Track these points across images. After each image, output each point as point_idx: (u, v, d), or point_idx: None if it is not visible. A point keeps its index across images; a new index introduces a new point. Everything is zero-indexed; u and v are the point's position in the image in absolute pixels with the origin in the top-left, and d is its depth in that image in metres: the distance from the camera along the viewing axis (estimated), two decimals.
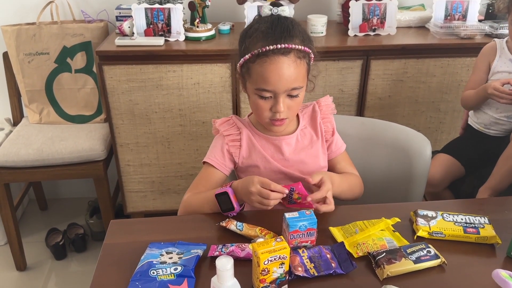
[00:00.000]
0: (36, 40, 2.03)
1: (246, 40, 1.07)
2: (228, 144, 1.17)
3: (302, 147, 1.20)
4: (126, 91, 1.86)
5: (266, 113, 1.09)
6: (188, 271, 0.87)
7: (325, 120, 1.22)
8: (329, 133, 1.22)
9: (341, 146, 1.24)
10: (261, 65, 1.03)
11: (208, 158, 1.18)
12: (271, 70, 1.02)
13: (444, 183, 1.69)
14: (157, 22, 1.89)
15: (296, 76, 1.05)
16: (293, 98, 1.07)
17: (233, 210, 1.04)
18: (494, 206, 1.15)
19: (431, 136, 2.06)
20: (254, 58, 1.04)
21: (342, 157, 1.24)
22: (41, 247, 2.20)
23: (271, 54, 1.02)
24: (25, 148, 1.92)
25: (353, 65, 1.89)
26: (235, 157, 1.18)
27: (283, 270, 0.83)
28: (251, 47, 1.05)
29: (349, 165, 1.25)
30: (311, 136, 1.21)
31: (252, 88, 1.08)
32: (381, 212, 1.05)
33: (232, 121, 1.20)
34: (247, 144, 1.18)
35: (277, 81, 1.03)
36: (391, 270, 0.87)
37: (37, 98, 2.13)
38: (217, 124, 1.20)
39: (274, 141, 1.18)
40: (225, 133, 1.18)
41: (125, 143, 1.97)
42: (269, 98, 1.07)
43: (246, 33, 1.09)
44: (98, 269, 0.92)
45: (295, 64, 1.04)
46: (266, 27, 1.05)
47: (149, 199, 2.12)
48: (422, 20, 2.11)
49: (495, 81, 1.54)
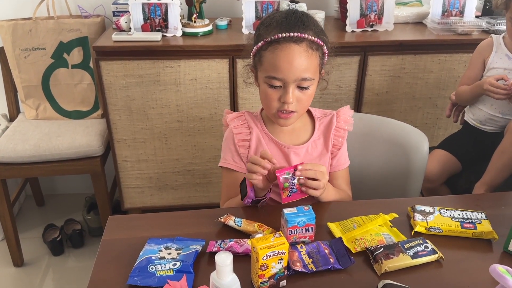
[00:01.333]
0: (33, 35, 2.02)
1: (260, 29, 1.07)
2: (237, 144, 1.16)
3: (311, 158, 1.17)
4: (123, 87, 1.86)
5: (274, 103, 1.07)
6: (187, 267, 0.87)
7: (337, 134, 1.19)
8: (337, 147, 1.19)
9: (344, 163, 1.21)
10: (272, 52, 1.03)
11: (226, 163, 1.17)
12: (282, 56, 1.02)
13: (441, 178, 1.70)
14: (154, 17, 1.88)
15: (307, 66, 1.03)
16: (303, 90, 1.06)
17: (247, 196, 1.04)
18: (491, 201, 1.16)
19: (428, 132, 2.06)
20: (266, 45, 1.04)
21: (341, 174, 1.21)
22: (38, 243, 2.20)
23: (283, 42, 1.02)
24: (22, 144, 1.91)
25: (350, 61, 1.89)
26: (243, 157, 1.17)
27: (282, 266, 0.83)
28: (264, 35, 1.05)
29: (345, 184, 1.22)
30: (322, 148, 1.19)
31: (262, 76, 1.07)
32: (378, 208, 1.05)
33: (244, 117, 1.18)
34: (256, 145, 1.16)
35: (288, 68, 1.02)
36: (389, 265, 0.88)
37: (34, 93, 2.12)
38: (228, 118, 1.19)
39: (284, 148, 1.16)
40: (235, 131, 1.17)
41: (122, 138, 1.97)
42: (278, 88, 1.05)
43: (262, 23, 1.08)
44: (97, 265, 0.92)
45: (306, 53, 1.03)
46: (281, 17, 1.05)
47: (146, 195, 2.11)
48: (420, 16, 2.11)
49: (490, 77, 1.54)
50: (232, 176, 1.17)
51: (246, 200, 1.05)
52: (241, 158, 1.17)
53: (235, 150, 1.17)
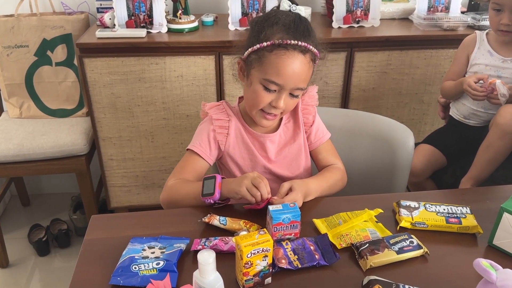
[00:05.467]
0: (15, 33, 1.98)
1: (266, 27, 1.04)
2: (216, 131, 1.15)
3: (285, 142, 1.19)
4: (107, 84, 1.83)
5: (263, 104, 1.07)
6: (171, 266, 0.86)
7: (305, 112, 1.20)
8: (308, 124, 1.21)
9: (323, 137, 1.23)
10: (278, 56, 1.01)
11: (193, 146, 1.15)
12: (287, 64, 1.01)
13: (426, 173, 1.71)
14: (139, 14, 1.86)
15: (305, 76, 1.05)
16: (293, 97, 1.07)
17: (212, 195, 1.01)
18: (475, 196, 1.16)
19: (415, 128, 2.07)
20: (272, 47, 1.02)
21: (324, 147, 1.23)
22: (23, 243, 2.17)
23: (291, 49, 1.01)
24: (5, 143, 1.88)
25: (337, 57, 1.89)
26: (221, 145, 1.16)
27: (267, 263, 0.83)
28: (271, 35, 1.03)
29: (331, 156, 1.23)
30: (293, 129, 1.20)
31: (259, 77, 1.05)
32: (364, 204, 1.05)
33: (222, 106, 1.17)
34: (235, 134, 1.16)
35: (289, 77, 1.02)
36: (374, 261, 0.88)
37: (17, 92, 2.08)
38: (206, 107, 1.18)
39: (260, 138, 1.17)
40: (215, 117, 1.15)
41: (107, 137, 1.94)
42: (273, 92, 1.05)
43: (266, 20, 1.05)
44: (79, 265, 0.90)
45: (308, 65, 1.04)
46: (289, 21, 1.03)
47: (133, 194, 2.09)
48: (406, 11, 2.12)
49: (471, 76, 1.56)
50: (194, 160, 1.15)
51: (208, 200, 1.03)
52: (216, 147, 1.16)
53: (211, 138, 1.15)
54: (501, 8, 1.50)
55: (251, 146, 1.16)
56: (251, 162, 1.18)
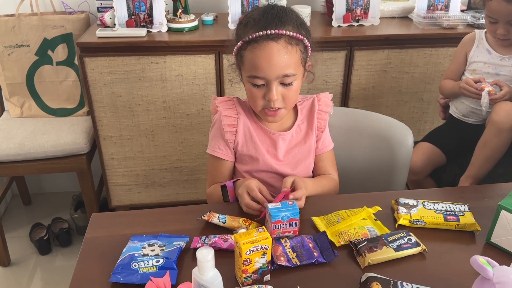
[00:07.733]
0: (16, 32, 1.99)
1: (238, 28, 1.08)
2: (225, 129, 1.16)
3: (296, 143, 1.19)
4: (108, 84, 1.84)
5: (260, 101, 1.07)
6: (170, 263, 0.87)
7: (319, 117, 1.20)
8: (321, 129, 1.21)
9: (328, 145, 1.23)
10: (251, 52, 1.03)
11: (213, 151, 1.18)
12: (261, 56, 1.02)
13: (426, 171, 1.71)
14: (139, 13, 1.87)
15: (287, 62, 1.03)
16: (287, 86, 1.06)
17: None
18: (474, 193, 1.17)
19: (414, 126, 2.07)
20: (245, 45, 1.04)
21: (326, 156, 1.23)
22: (25, 242, 2.17)
23: (261, 40, 1.01)
24: (7, 142, 1.89)
25: (337, 56, 1.89)
26: (230, 143, 1.17)
27: (265, 260, 0.83)
28: (243, 34, 1.05)
29: (330, 166, 1.23)
30: (306, 130, 1.20)
31: (245, 76, 1.08)
32: (363, 201, 1.06)
33: (232, 102, 1.17)
34: (243, 132, 1.16)
35: (268, 67, 1.02)
36: (372, 258, 0.88)
37: (18, 91, 2.09)
38: (217, 101, 1.18)
39: (272, 135, 1.17)
40: (224, 113, 1.15)
41: (108, 136, 1.95)
42: (261, 86, 1.06)
43: (240, 22, 1.09)
44: (80, 263, 0.91)
45: (285, 50, 1.02)
46: (258, 14, 1.05)
47: (134, 193, 2.10)
48: (405, 10, 2.12)
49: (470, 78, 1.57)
50: (218, 163, 1.19)
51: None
52: (227, 144, 1.17)
53: (221, 138, 1.17)
54: (495, 21, 1.51)
55: (259, 145, 1.16)
56: (257, 161, 1.17)
